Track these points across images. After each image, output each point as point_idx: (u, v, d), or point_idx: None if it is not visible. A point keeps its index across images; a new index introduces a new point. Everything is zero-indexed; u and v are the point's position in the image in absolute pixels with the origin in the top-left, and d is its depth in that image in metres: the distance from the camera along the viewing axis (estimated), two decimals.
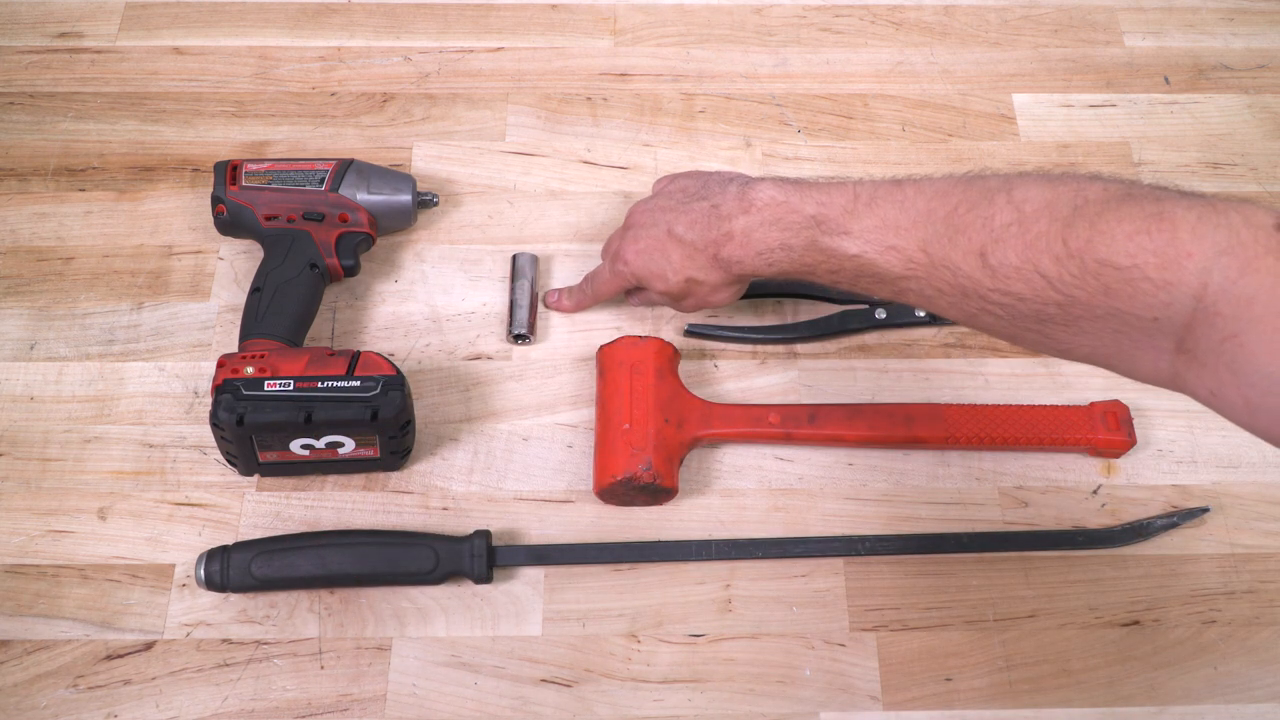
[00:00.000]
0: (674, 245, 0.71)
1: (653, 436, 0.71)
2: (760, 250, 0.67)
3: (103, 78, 0.92)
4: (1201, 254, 0.47)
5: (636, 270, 0.74)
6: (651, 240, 0.72)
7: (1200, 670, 0.69)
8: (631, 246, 0.73)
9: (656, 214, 0.73)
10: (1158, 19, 0.99)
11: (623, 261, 0.74)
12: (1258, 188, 0.89)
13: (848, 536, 0.72)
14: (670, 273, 0.72)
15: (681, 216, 0.71)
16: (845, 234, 0.62)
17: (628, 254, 0.74)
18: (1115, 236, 0.49)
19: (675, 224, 0.71)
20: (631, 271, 0.74)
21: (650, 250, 0.72)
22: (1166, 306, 0.48)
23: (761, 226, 0.66)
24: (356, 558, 0.68)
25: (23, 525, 0.72)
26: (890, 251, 0.60)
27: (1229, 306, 0.46)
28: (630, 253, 0.73)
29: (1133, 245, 0.48)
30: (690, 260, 0.71)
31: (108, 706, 0.66)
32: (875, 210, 0.61)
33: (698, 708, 0.68)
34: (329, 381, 0.68)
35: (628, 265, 0.74)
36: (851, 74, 0.95)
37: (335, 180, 0.79)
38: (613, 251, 0.76)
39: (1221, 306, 0.46)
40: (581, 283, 0.80)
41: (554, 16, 0.97)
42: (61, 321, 0.80)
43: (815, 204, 0.64)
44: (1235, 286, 0.46)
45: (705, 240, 0.69)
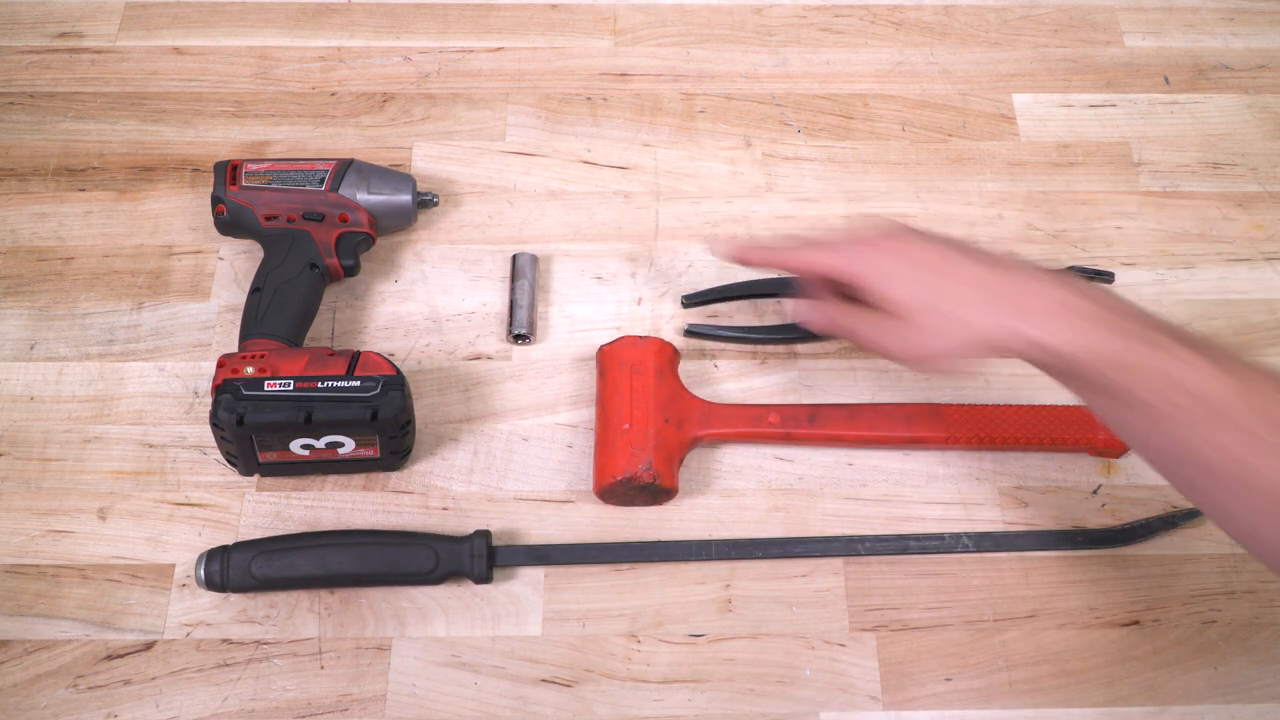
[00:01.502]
0: (971, 276, 0.62)
1: (653, 436, 0.71)
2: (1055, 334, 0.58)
3: (103, 78, 0.92)
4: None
5: (886, 265, 0.64)
6: (938, 255, 0.63)
7: (1200, 670, 0.69)
8: (896, 245, 0.65)
9: (954, 241, 0.65)
10: (1158, 19, 0.99)
11: (870, 251, 0.65)
12: (1258, 188, 0.89)
13: (848, 536, 0.72)
14: (935, 287, 0.62)
15: (984, 267, 0.62)
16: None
17: (886, 248, 0.65)
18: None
19: (977, 266, 0.62)
20: (876, 267, 0.64)
21: (935, 260, 0.63)
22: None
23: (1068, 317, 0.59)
24: (356, 558, 0.68)
25: (23, 525, 0.72)
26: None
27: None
28: (891, 252, 0.64)
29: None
30: (977, 303, 0.61)
31: (108, 706, 0.66)
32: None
33: (698, 708, 0.68)
34: (329, 381, 0.68)
35: (874, 253, 0.65)
36: (851, 74, 0.95)
37: (335, 180, 0.79)
38: (863, 246, 0.66)
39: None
40: (776, 246, 0.70)
41: (554, 16, 0.97)
42: (61, 321, 0.80)
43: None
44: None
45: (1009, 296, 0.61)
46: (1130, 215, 0.88)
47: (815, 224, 0.86)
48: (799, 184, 0.88)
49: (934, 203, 0.87)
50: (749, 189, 0.88)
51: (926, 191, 0.88)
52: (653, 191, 0.87)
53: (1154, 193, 0.89)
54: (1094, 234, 0.86)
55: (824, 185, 0.88)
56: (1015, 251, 0.68)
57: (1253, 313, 0.83)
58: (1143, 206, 0.88)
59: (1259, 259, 0.86)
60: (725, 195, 0.87)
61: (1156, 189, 0.89)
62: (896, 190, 0.88)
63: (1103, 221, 0.87)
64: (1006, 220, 0.87)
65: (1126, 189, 0.89)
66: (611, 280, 0.83)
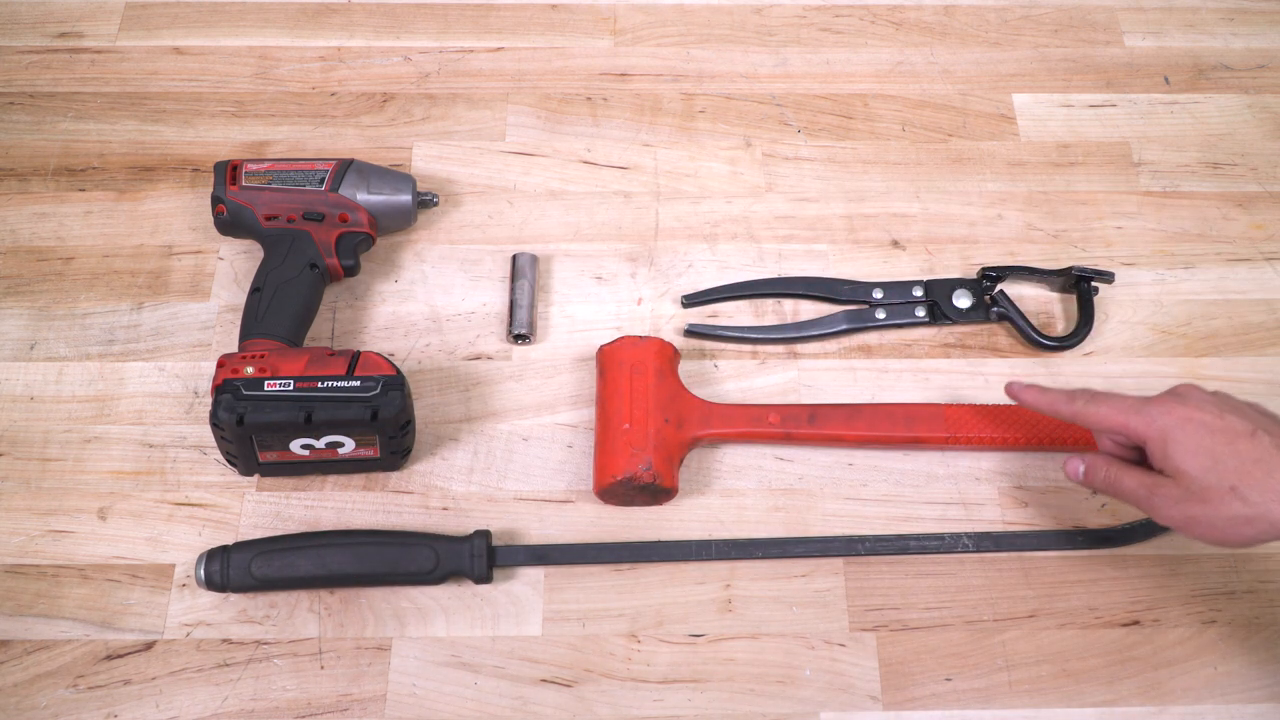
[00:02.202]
0: (1264, 466, 0.59)
1: (653, 436, 0.71)
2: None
3: (103, 78, 0.92)
4: None
5: (1182, 434, 0.61)
6: (1242, 436, 0.60)
7: (1200, 670, 0.69)
8: (1199, 416, 0.62)
9: (1253, 415, 0.62)
10: (1158, 19, 0.99)
11: (1161, 413, 0.63)
12: (1258, 188, 0.89)
13: (848, 536, 0.72)
14: (1236, 470, 0.59)
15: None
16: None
17: (1178, 412, 0.62)
18: None
19: (1273, 445, 0.60)
20: (1168, 432, 0.62)
21: (1234, 438, 0.60)
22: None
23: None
24: (356, 558, 0.68)
25: (23, 525, 0.72)
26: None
27: None
28: (1190, 421, 0.62)
29: None
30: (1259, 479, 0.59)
31: (108, 706, 0.66)
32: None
33: (698, 708, 0.68)
34: (329, 381, 0.68)
35: (1165, 416, 0.62)
36: (851, 74, 0.95)
37: (335, 180, 0.79)
38: (1160, 408, 0.64)
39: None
40: (1069, 393, 0.68)
41: (554, 16, 0.97)
42: (61, 321, 0.80)
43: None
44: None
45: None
46: (1130, 215, 0.88)
47: (815, 224, 0.86)
48: (799, 184, 0.88)
49: (934, 203, 0.87)
50: (749, 189, 0.88)
51: (926, 191, 0.88)
52: (653, 191, 0.87)
53: (1154, 193, 0.89)
54: (1094, 234, 0.86)
55: (824, 185, 0.88)
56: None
57: (1253, 313, 0.83)
58: (1143, 206, 0.88)
59: (1259, 259, 0.86)
60: (725, 195, 0.87)
61: (1156, 189, 0.89)
62: (896, 190, 0.88)
63: (1103, 221, 0.87)
64: (1006, 220, 0.87)
65: (1126, 189, 0.89)
66: (611, 280, 0.83)
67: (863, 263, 0.85)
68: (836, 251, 0.85)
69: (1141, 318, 0.82)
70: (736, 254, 0.84)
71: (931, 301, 0.81)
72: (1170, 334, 0.82)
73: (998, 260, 0.85)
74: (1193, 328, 0.82)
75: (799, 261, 0.84)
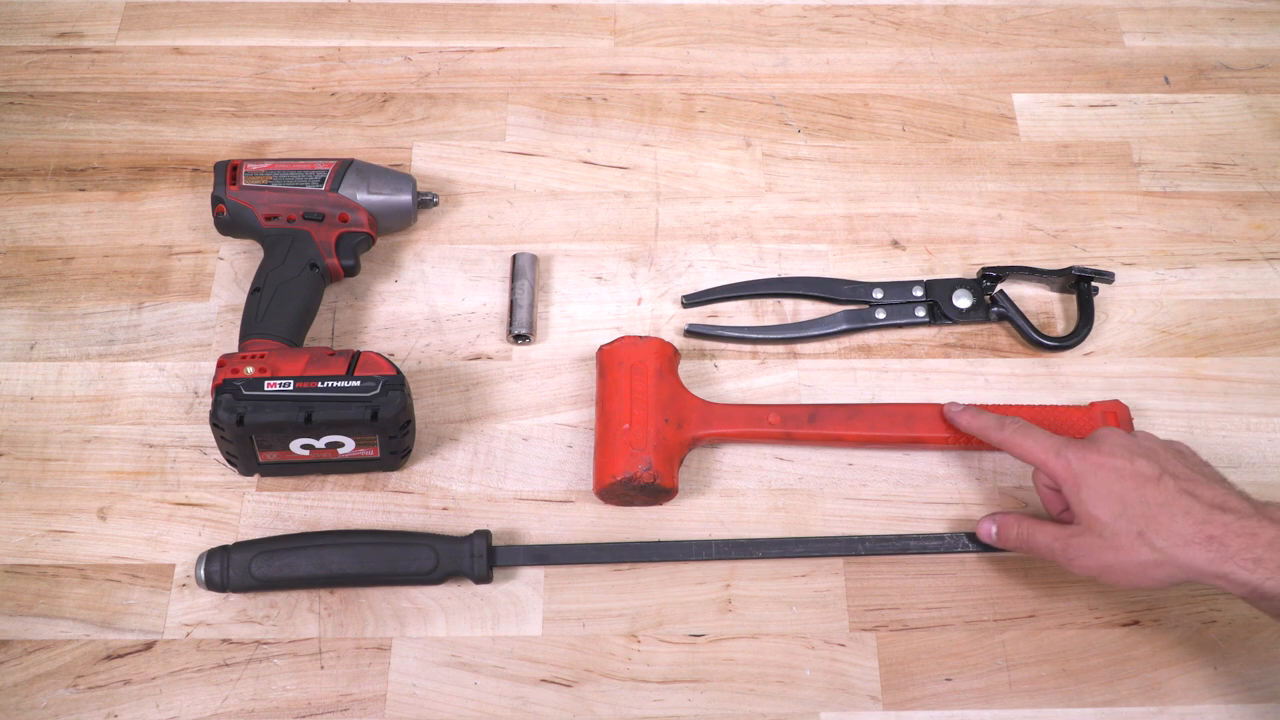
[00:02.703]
0: (1180, 508, 0.61)
1: (653, 436, 0.71)
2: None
3: (103, 78, 0.92)
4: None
5: (1093, 479, 0.63)
6: (1148, 481, 0.62)
7: (1200, 670, 0.69)
8: (1111, 462, 0.64)
9: (1163, 459, 0.64)
10: (1158, 19, 0.99)
11: (1077, 456, 0.65)
12: (1258, 188, 0.89)
13: (848, 536, 0.72)
14: (1143, 516, 0.61)
15: (1202, 487, 0.62)
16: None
17: (1095, 462, 0.64)
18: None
19: (1193, 487, 0.62)
20: (1081, 476, 0.64)
21: (1141, 484, 0.62)
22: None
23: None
24: (356, 558, 0.68)
25: (23, 525, 0.72)
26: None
27: None
28: (1102, 467, 0.64)
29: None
30: (1183, 531, 0.60)
31: (108, 706, 0.66)
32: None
33: (698, 708, 0.68)
34: (329, 381, 0.68)
35: (1080, 460, 0.64)
36: (851, 74, 0.95)
37: (335, 180, 0.79)
38: (1075, 453, 0.65)
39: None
40: (1000, 420, 0.70)
41: (554, 16, 0.97)
42: (61, 321, 0.80)
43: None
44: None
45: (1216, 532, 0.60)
46: (1130, 215, 0.88)
47: (815, 224, 0.86)
48: (799, 184, 0.88)
49: (934, 203, 0.87)
50: (749, 189, 0.88)
51: (926, 191, 0.88)
52: (653, 191, 0.87)
53: (1154, 193, 0.89)
54: (1094, 234, 0.86)
55: (824, 185, 0.88)
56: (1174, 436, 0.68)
57: (1253, 313, 0.83)
58: (1143, 206, 0.88)
59: (1259, 259, 0.86)
60: (725, 195, 0.87)
61: (1156, 189, 0.89)
62: (896, 190, 0.88)
63: (1103, 221, 0.87)
64: (1006, 220, 0.87)
65: (1126, 189, 0.89)
66: (611, 280, 0.83)
67: (863, 263, 0.85)
68: (836, 251, 0.85)
69: (1141, 318, 0.82)
70: (736, 254, 0.84)
71: (931, 301, 0.81)
72: (1170, 334, 0.82)
73: (998, 260, 0.85)
74: (1193, 328, 0.82)
75: (799, 261, 0.84)
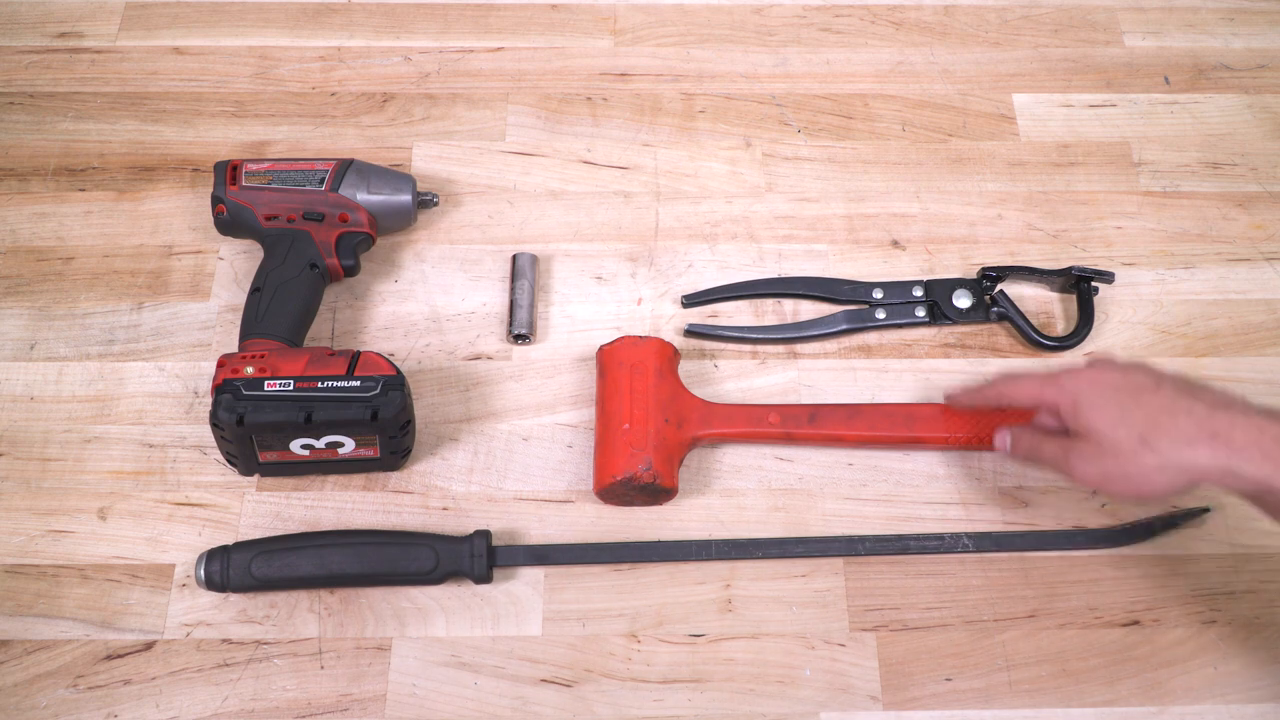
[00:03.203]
0: (1181, 409, 0.60)
1: (653, 436, 0.71)
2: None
3: (103, 78, 0.92)
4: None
5: (1091, 393, 0.63)
6: (1146, 389, 0.62)
7: (1200, 670, 0.69)
8: (1105, 376, 0.64)
9: (1160, 372, 0.64)
10: (1158, 19, 0.99)
11: (1069, 379, 0.65)
12: (1258, 188, 0.89)
13: (848, 536, 0.72)
14: (1144, 421, 0.61)
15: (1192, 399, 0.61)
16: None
17: (1085, 376, 0.65)
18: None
19: (1193, 391, 0.62)
20: (1079, 394, 0.64)
21: (1138, 391, 0.62)
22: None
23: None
24: (356, 558, 0.68)
25: (23, 525, 0.72)
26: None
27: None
28: (1097, 381, 0.64)
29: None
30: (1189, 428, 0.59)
31: (108, 706, 0.66)
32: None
33: (698, 708, 0.68)
34: (329, 381, 0.68)
35: (1073, 381, 0.64)
36: (851, 74, 0.95)
37: (335, 180, 0.79)
38: (1067, 375, 0.66)
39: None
40: (988, 381, 0.72)
41: (554, 16, 0.97)
42: (61, 321, 0.80)
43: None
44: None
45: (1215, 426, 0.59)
46: (1130, 215, 0.88)
47: (815, 224, 0.86)
48: (799, 184, 0.88)
49: (934, 203, 0.87)
50: (749, 189, 0.88)
51: (926, 191, 0.88)
52: (653, 191, 0.87)
53: (1154, 193, 0.89)
54: (1094, 234, 0.86)
55: (824, 185, 0.88)
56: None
57: (1253, 313, 0.83)
58: (1143, 206, 0.88)
59: (1259, 259, 0.86)
60: (725, 195, 0.87)
61: (1156, 189, 0.89)
62: (896, 190, 0.88)
63: (1103, 221, 0.87)
64: (1006, 220, 0.87)
65: (1126, 189, 0.89)
66: (611, 280, 0.83)
67: (863, 263, 0.85)
68: (836, 251, 0.85)
69: (1141, 318, 0.82)
70: (736, 254, 0.84)
71: (931, 301, 0.81)
72: (1170, 334, 0.82)
73: (998, 260, 0.85)
74: (1193, 328, 0.82)
75: (799, 261, 0.84)
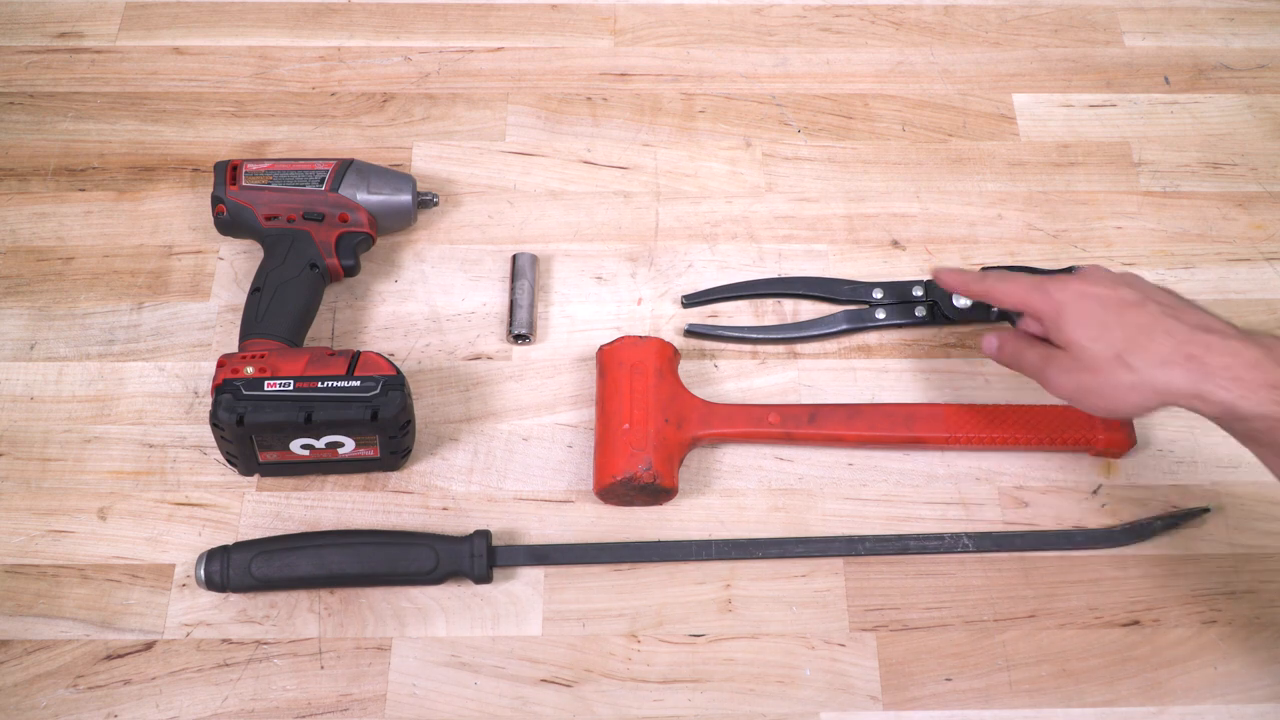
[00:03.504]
0: (1161, 329, 0.60)
1: (653, 436, 0.71)
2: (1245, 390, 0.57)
3: (103, 78, 0.92)
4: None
5: (1076, 306, 0.63)
6: (1130, 305, 0.62)
7: (1200, 670, 0.69)
8: (1093, 289, 0.64)
9: (1148, 288, 0.64)
10: (1158, 19, 0.99)
11: (1055, 287, 0.64)
12: (1258, 188, 0.89)
13: (848, 536, 0.72)
14: (1123, 338, 0.61)
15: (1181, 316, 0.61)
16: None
17: (1072, 286, 0.64)
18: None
19: (1177, 312, 0.61)
20: (1064, 305, 0.64)
21: (1122, 308, 0.62)
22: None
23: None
24: (356, 558, 0.68)
25: (23, 525, 0.72)
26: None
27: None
28: (1084, 295, 0.63)
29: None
30: (1164, 349, 0.59)
31: (108, 706, 0.66)
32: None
33: (698, 708, 0.68)
34: (329, 381, 0.68)
35: (1058, 290, 0.64)
36: (851, 74, 0.95)
37: (335, 180, 0.79)
38: (1056, 284, 0.66)
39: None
40: (981, 273, 0.71)
41: (554, 16, 0.97)
42: (61, 321, 0.80)
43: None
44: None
45: (1195, 344, 0.59)
46: (1130, 215, 0.88)
47: (815, 224, 0.86)
48: (799, 184, 0.88)
49: (934, 203, 0.87)
50: (749, 189, 0.88)
51: (926, 191, 0.88)
52: (653, 191, 0.87)
53: (1154, 193, 0.89)
54: (1094, 234, 0.86)
55: (824, 185, 0.88)
56: (1135, 274, 0.67)
57: (1253, 313, 0.83)
58: (1143, 206, 0.88)
59: (1259, 259, 0.86)
60: (725, 195, 0.87)
61: (1156, 189, 0.89)
62: (896, 190, 0.88)
63: (1103, 221, 0.87)
64: (1006, 220, 0.87)
65: (1126, 189, 0.89)
66: (611, 280, 0.83)
67: (863, 263, 0.85)
68: (836, 251, 0.85)
69: None
70: (736, 254, 0.85)
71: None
72: None
73: (998, 260, 0.85)
74: None
75: (799, 261, 0.84)
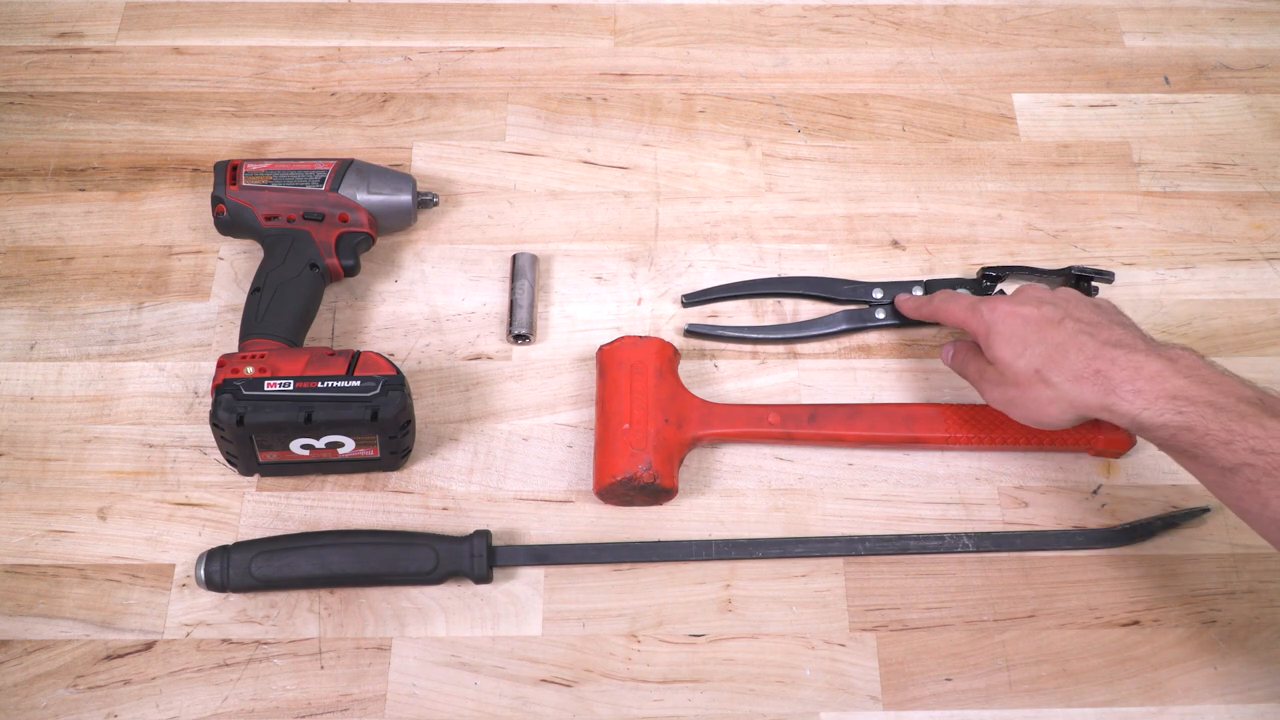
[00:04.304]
0: (1074, 346, 0.65)
1: (653, 436, 0.71)
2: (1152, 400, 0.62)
3: (103, 78, 0.92)
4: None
5: (1002, 325, 0.68)
6: (1050, 324, 0.67)
7: (1200, 670, 0.69)
8: (1019, 310, 0.68)
9: (1071, 306, 0.68)
10: (1158, 19, 0.99)
11: (987, 309, 0.69)
12: (1258, 188, 0.89)
13: (848, 536, 0.72)
14: (1041, 356, 0.66)
15: (1102, 330, 0.66)
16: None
17: (1002, 308, 0.69)
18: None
19: (1093, 330, 0.66)
20: (992, 325, 0.68)
21: (1042, 326, 0.66)
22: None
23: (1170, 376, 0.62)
24: (356, 558, 0.68)
25: (23, 525, 0.72)
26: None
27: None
28: (1010, 315, 0.68)
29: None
30: (1078, 370, 0.64)
31: (108, 706, 0.66)
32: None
33: (698, 708, 0.68)
34: (329, 381, 0.68)
35: (990, 311, 0.69)
36: (851, 74, 0.95)
37: (335, 180, 0.79)
38: (988, 305, 0.70)
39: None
40: (930, 296, 0.77)
41: (554, 16, 0.97)
42: (61, 321, 0.80)
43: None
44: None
45: (1105, 364, 0.64)
46: (1130, 215, 0.88)
47: (815, 224, 0.86)
48: (799, 184, 0.88)
49: (934, 203, 0.87)
50: (749, 189, 0.88)
51: (926, 191, 0.88)
52: (653, 191, 0.87)
53: (1154, 193, 0.89)
54: (1094, 234, 0.86)
55: (824, 185, 0.88)
56: (1113, 305, 0.71)
57: (1253, 313, 0.83)
58: (1143, 206, 0.88)
59: (1259, 259, 0.86)
60: (725, 195, 0.87)
61: (1156, 189, 0.89)
62: (896, 190, 0.88)
63: (1103, 221, 0.87)
64: (1006, 220, 0.87)
65: (1126, 189, 0.89)
66: (611, 280, 0.83)
67: (863, 263, 0.85)
68: (836, 251, 0.85)
69: (1141, 318, 0.82)
70: (736, 254, 0.85)
71: None
72: (1170, 334, 0.82)
73: (998, 260, 0.85)
74: (1193, 328, 0.82)
75: (799, 261, 0.84)
